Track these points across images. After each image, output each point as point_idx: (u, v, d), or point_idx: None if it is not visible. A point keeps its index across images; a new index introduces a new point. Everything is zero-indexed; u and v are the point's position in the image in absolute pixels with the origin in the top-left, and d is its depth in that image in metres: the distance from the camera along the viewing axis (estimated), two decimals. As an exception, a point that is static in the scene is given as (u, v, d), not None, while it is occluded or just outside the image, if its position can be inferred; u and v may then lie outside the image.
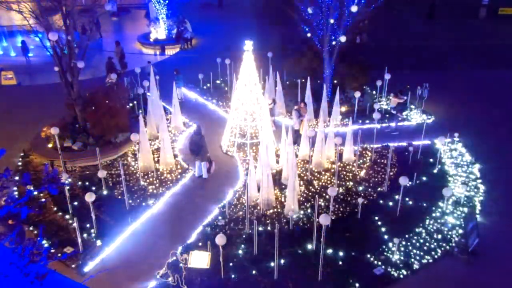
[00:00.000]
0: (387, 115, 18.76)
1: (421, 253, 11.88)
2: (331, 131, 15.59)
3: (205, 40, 30.34)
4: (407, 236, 12.43)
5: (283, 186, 14.10)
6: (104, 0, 16.41)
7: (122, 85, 19.76)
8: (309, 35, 19.25)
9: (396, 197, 13.53)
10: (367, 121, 18.12)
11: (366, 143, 16.45)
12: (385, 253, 11.87)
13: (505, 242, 12.30)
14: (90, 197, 12.05)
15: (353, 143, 15.56)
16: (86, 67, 16.14)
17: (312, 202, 13.22)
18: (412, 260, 11.68)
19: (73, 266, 11.46)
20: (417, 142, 16.57)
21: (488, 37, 30.53)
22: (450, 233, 12.55)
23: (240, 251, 11.86)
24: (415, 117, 18.74)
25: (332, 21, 18.16)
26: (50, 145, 16.21)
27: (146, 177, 14.91)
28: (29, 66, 25.74)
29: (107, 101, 16.41)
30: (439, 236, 12.44)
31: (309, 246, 12.00)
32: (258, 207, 13.32)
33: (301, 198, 13.74)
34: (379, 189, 14.33)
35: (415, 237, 12.40)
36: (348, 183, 14.58)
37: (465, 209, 13.35)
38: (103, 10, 16.23)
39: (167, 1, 28.82)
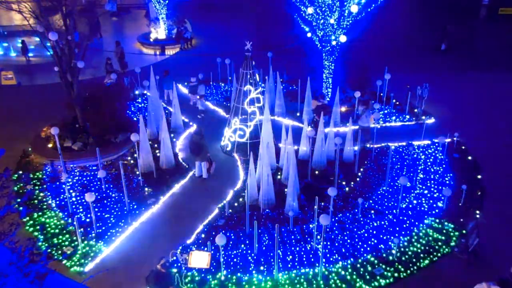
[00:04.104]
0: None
1: (421, 253, 11.89)
2: (331, 131, 15.60)
3: (205, 40, 30.36)
4: (407, 236, 12.45)
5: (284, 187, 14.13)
6: (104, 0, 16.41)
7: (122, 85, 19.77)
8: (309, 35, 19.26)
9: (396, 196, 13.55)
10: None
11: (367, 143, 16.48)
12: (385, 253, 11.88)
13: (505, 242, 12.29)
14: (90, 197, 12.06)
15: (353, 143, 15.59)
16: (86, 67, 16.15)
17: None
18: (412, 260, 11.68)
19: (73, 266, 11.45)
20: (417, 142, 16.61)
21: (488, 37, 30.51)
22: (450, 233, 12.56)
23: (240, 251, 11.87)
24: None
25: (332, 21, 18.16)
26: (50, 145, 16.22)
27: (146, 177, 14.91)
28: (29, 66, 25.75)
29: (107, 101, 16.43)
30: (439, 236, 12.45)
31: (309, 246, 12.01)
32: (259, 206, 13.34)
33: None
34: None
35: (415, 237, 12.41)
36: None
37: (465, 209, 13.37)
38: (103, 10, 16.22)
39: (167, 1, 28.81)
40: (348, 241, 12.24)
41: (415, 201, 13.80)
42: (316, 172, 15.15)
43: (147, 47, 29.31)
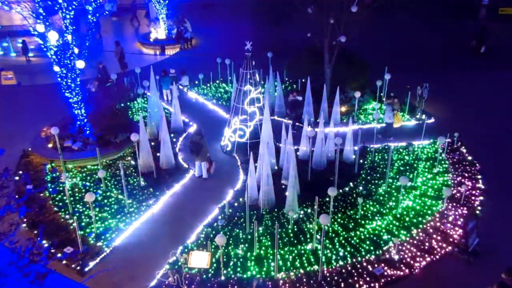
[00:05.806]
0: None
1: (421, 253, 11.88)
2: (331, 131, 15.60)
3: (205, 40, 30.35)
4: (407, 236, 12.45)
5: (283, 186, 14.12)
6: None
7: (122, 85, 19.76)
8: (309, 35, 19.23)
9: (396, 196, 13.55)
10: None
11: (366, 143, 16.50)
12: (384, 253, 11.87)
13: (505, 242, 12.29)
14: (90, 197, 12.06)
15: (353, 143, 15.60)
16: (86, 67, 16.14)
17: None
18: (412, 260, 11.68)
19: (73, 266, 11.46)
20: (417, 142, 16.61)
21: (488, 37, 30.41)
22: (450, 233, 12.56)
23: (240, 251, 11.87)
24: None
25: (332, 21, 18.15)
26: (50, 145, 16.21)
27: (146, 177, 14.91)
28: (29, 66, 25.76)
29: (107, 101, 16.43)
30: (439, 236, 12.44)
31: (309, 246, 12.01)
32: (259, 207, 13.34)
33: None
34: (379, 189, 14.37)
35: (415, 237, 12.41)
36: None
37: (465, 209, 13.36)
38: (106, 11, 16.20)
39: (167, 1, 28.81)
40: (348, 241, 12.25)
41: (415, 202, 13.80)
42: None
43: (147, 47, 29.32)
